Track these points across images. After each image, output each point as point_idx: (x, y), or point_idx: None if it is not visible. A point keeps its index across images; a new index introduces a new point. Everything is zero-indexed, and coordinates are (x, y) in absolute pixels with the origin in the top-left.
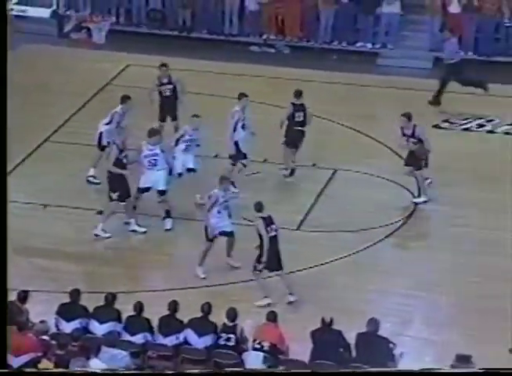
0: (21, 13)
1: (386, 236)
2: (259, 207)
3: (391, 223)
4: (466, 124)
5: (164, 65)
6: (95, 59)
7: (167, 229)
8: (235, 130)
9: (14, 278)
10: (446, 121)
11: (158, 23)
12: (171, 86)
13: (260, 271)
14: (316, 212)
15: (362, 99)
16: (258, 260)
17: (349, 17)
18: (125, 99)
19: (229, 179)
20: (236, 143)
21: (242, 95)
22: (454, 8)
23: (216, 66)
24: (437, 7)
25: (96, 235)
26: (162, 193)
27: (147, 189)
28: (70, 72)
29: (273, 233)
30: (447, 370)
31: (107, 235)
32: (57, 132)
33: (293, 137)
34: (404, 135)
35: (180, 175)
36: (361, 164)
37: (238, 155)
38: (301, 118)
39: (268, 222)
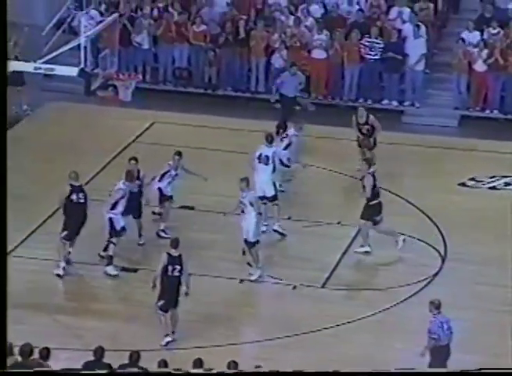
0: (49, 72)
1: (412, 295)
2: (175, 244)
3: (417, 281)
4: (492, 182)
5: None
6: (121, 117)
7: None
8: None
9: (37, 335)
10: (472, 179)
11: (184, 80)
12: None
13: (161, 309)
14: (341, 270)
15: (387, 157)
16: (159, 298)
17: (374, 75)
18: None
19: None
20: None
21: None
22: (479, 66)
23: (242, 123)
24: (463, 65)
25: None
26: None
27: None
28: (96, 129)
29: (176, 274)
30: (447, 370)
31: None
32: None
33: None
34: (358, 123)
35: None
36: (386, 221)
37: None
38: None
39: (175, 261)
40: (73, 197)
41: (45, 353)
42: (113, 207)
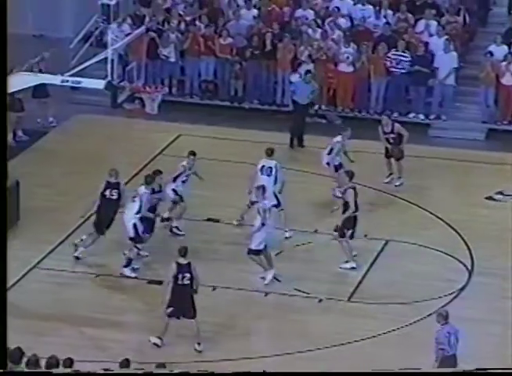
0: (76, 85)
1: (438, 309)
2: (184, 252)
3: (444, 295)
4: None
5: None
6: (147, 129)
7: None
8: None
9: (63, 347)
10: (500, 192)
11: (210, 93)
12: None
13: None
14: (368, 283)
15: (414, 171)
16: (168, 305)
17: (401, 88)
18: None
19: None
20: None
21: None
22: (507, 80)
23: (267, 136)
24: (490, 79)
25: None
26: None
27: None
28: (122, 142)
29: (186, 282)
30: (447, 370)
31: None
32: None
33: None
34: (384, 133)
35: None
36: (413, 235)
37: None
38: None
39: (184, 270)
40: (107, 192)
41: (68, 363)
42: (138, 212)
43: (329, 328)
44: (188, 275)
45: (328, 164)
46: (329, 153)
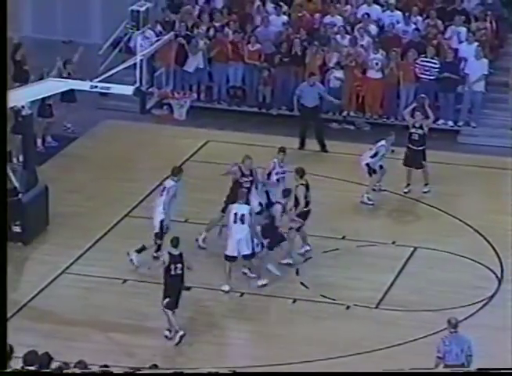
0: (105, 90)
1: (467, 317)
2: (176, 242)
3: (473, 303)
4: None
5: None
6: (175, 135)
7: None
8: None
9: (90, 352)
10: None
11: (238, 99)
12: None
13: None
14: (396, 290)
15: (443, 177)
16: (164, 297)
17: (430, 95)
18: None
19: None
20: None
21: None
22: None
23: (295, 142)
24: None
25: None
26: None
27: None
28: (151, 148)
29: (178, 272)
30: (447, 370)
31: None
32: (137, 207)
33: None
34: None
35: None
36: (442, 242)
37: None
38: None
39: (177, 260)
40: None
41: (83, 366)
42: (165, 207)
43: (356, 335)
44: (180, 265)
45: (368, 165)
46: (373, 157)
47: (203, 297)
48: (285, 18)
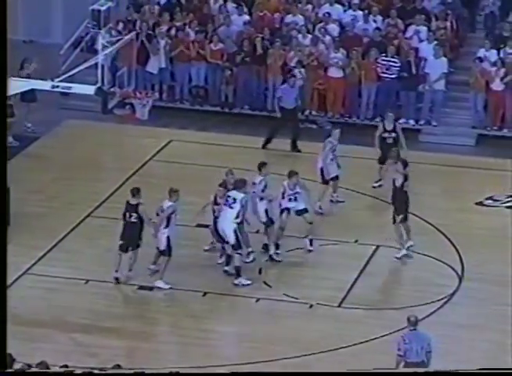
0: (66, 90)
1: (429, 315)
2: (135, 192)
3: (434, 301)
4: (510, 201)
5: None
6: (138, 135)
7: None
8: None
9: (53, 353)
10: (490, 198)
11: (201, 99)
12: None
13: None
14: (358, 289)
15: None
16: (120, 240)
17: (391, 94)
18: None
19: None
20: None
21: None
22: (497, 85)
23: (258, 141)
24: (480, 84)
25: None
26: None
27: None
28: (113, 147)
29: (133, 220)
30: (447, 370)
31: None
32: (100, 208)
33: None
34: (385, 130)
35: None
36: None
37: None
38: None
39: (132, 209)
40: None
41: (44, 367)
42: (167, 225)
43: (320, 334)
44: (134, 214)
45: (322, 170)
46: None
47: (165, 297)
48: (246, 17)
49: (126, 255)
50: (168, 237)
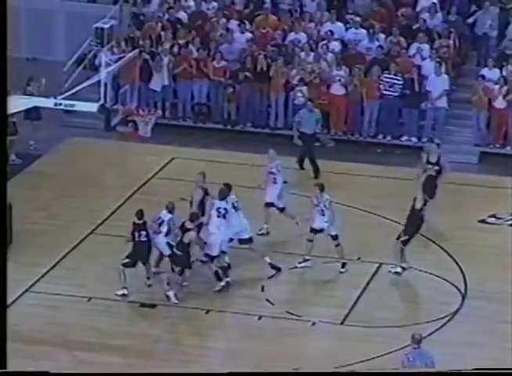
0: (69, 108)
1: (431, 333)
2: (140, 214)
3: (437, 319)
4: None
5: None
6: (140, 152)
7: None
8: None
9: (56, 371)
10: (493, 216)
11: (203, 116)
12: None
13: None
14: (361, 306)
15: (407, 193)
16: (126, 257)
17: (393, 111)
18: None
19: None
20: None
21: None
22: (499, 103)
23: (261, 159)
24: (483, 102)
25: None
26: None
27: None
28: (116, 165)
29: (143, 239)
30: (447, 370)
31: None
32: (102, 225)
33: None
34: (429, 162)
35: None
36: (407, 258)
37: None
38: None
39: (141, 228)
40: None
41: None
42: (167, 234)
43: (322, 351)
44: (144, 232)
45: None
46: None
47: (167, 315)
48: (249, 35)
49: (132, 270)
50: (169, 243)
